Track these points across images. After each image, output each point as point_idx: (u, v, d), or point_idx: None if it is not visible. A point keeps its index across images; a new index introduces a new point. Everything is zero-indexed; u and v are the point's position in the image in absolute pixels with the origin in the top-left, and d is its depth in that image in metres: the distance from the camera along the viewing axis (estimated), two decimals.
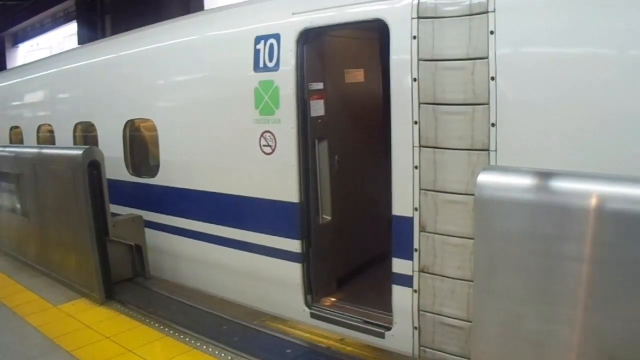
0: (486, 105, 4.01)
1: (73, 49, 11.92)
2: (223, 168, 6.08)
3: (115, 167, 7.04)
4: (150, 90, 7.00)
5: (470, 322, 3.93)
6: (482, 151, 4.06)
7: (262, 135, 5.44)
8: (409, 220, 4.48)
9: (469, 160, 4.12)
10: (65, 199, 6.11)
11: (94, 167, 5.71)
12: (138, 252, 6.48)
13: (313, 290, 5.45)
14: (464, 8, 4.09)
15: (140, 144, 7.61)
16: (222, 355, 4.44)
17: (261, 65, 5.39)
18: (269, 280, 5.69)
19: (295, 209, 5.31)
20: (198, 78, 6.38)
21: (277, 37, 5.28)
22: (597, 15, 3.69)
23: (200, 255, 6.43)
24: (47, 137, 9.47)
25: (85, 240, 5.75)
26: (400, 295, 4.65)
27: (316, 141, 5.35)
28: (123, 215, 6.68)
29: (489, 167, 3.82)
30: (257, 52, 5.42)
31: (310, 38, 5.15)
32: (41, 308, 5.65)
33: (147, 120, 7.12)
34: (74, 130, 8.47)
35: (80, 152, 5.74)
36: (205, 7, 12.82)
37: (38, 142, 9.61)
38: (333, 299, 5.61)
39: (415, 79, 4.33)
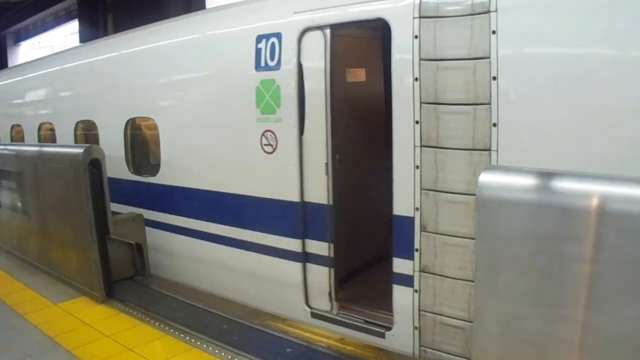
0: (488, 105, 4.01)
1: (74, 47, 11.93)
2: (224, 167, 6.07)
3: (116, 166, 7.04)
4: (151, 89, 7.00)
5: (471, 322, 3.92)
6: (483, 151, 4.05)
7: (263, 135, 5.44)
8: (410, 220, 4.48)
9: (471, 160, 4.12)
10: (66, 197, 6.11)
11: (95, 165, 5.71)
12: (138, 250, 6.47)
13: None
14: (466, 8, 4.08)
15: (141, 143, 7.60)
16: (223, 354, 4.44)
17: (262, 64, 5.39)
18: (269, 279, 5.68)
19: (296, 209, 5.30)
20: (199, 77, 6.38)
21: (278, 36, 5.27)
22: (599, 14, 3.69)
23: (199, 254, 6.43)
24: (48, 135, 9.47)
25: (86, 238, 5.74)
26: (401, 295, 4.65)
27: None
28: (124, 214, 6.68)
29: (490, 167, 3.82)
30: (258, 51, 5.41)
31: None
32: (41, 306, 5.64)
33: (148, 119, 7.12)
34: (75, 129, 8.48)
35: (81, 150, 5.74)
36: (207, 6, 12.81)
37: (39, 141, 9.62)
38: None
39: (416, 79, 4.32)
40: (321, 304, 5.34)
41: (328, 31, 4.96)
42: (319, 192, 5.18)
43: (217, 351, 4.48)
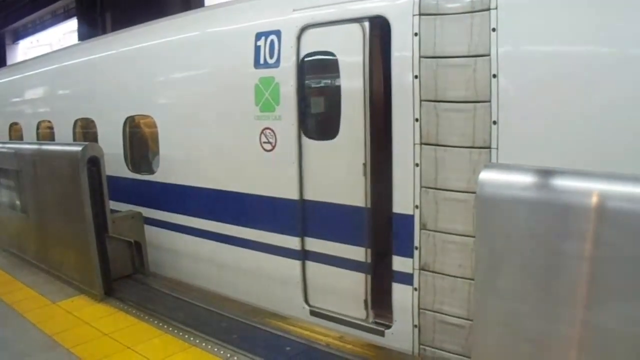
0: (487, 103, 4.00)
1: (73, 46, 11.91)
2: (223, 165, 6.06)
3: (115, 164, 7.03)
4: (150, 86, 6.98)
5: (471, 320, 3.92)
6: (483, 149, 4.05)
7: (262, 132, 5.43)
8: (410, 218, 4.47)
9: (470, 157, 4.12)
10: (65, 195, 6.10)
11: (94, 163, 5.70)
12: (137, 248, 6.46)
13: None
14: (466, 5, 4.08)
15: (140, 141, 7.59)
16: (221, 352, 4.43)
17: (262, 61, 5.38)
18: (268, 277, 5.67)
19: (295, 206, 5.29)
20: (198, 74, 6.36)
21: (277, 33, 5.26)
22: (598, 13, 3.69)
23: (198, 252, 6.42)
24: (46, 133, 9.46)
25: (84, 236, 5.74)
26: (401, 293, 4.64)
27: None
28: (122, 212, 6.67)
29: (490, 165, 3.80)
30: (257, 49, 5.40)
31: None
32: (40, 305, 5.63)
33: (147, 116, 7.10)
34: (74, 127, 8.46)
35: (79, 148, 5.73)
36: (206, 4, 12.78)
37: (38, 139, 9.60)
38: None
39: (416, 76, 4.32)
40: (356, 312, 5.07)
41: (367, 24, 4.69)
42: (355, 194, 4.90)
43: (215, 349, 4.48)
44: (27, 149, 7.27)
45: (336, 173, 5.03)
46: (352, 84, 4.79)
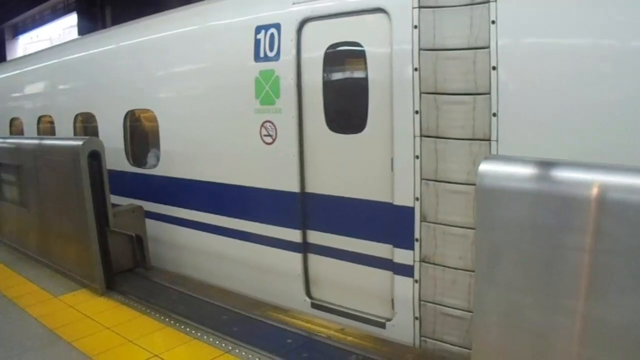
0: (487, 95, 4.00)
1: (73, 40, 11.89)
2: (223, 159, 6.06)
3: (116, 158, 7.04)
4: (150, 80, 6.98)
5: (472, 312, 3.93)
6: (483, 141, 4.05)
7: (262, 125, 5.43)
8: (410, 210, 4.48)
9: (470, 150, 4.12)
10: (66, 189, 6.11)
11: (95, 157, 5.71)
12: (138, 242, 6.47)
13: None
14: None
15: (140, 135, 7.59)
16: (223, 345, 4.44)
17: (262, 55, 5.38)
18: (269, 270, 5.68)
19: (296, 199, 5.30)
20: (198, 68, 6.36)
21: (277, 26, 5.26)
22: (599, 6, 3.68)
23: (200, 245, 6.43)
24: (47, 128, 9.46)
25: (85, 231, 5.75)
26: (401, 286, 4.65)
27: None
28: (123, 206, 6.68)
29: (490, 157, 3.80)
30: (257, 42, 5.40)
31: None
32: (42, 299, 5.65)
33: (148, 110, 7.10)
34: (75, 121, 8.47)
35: (80, 142, 5.74)
36: None
37: (38, 134, 9.61)
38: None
39: (416, 69, 4.31)
40: (383, 311, 4.92)
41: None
42: (384, 189, 4.73)
43: (217, 342, 4.49)
44: (28, 143, 7.28)
45: (364, 168, 4.90)
46: (380, 77, 4.66)
